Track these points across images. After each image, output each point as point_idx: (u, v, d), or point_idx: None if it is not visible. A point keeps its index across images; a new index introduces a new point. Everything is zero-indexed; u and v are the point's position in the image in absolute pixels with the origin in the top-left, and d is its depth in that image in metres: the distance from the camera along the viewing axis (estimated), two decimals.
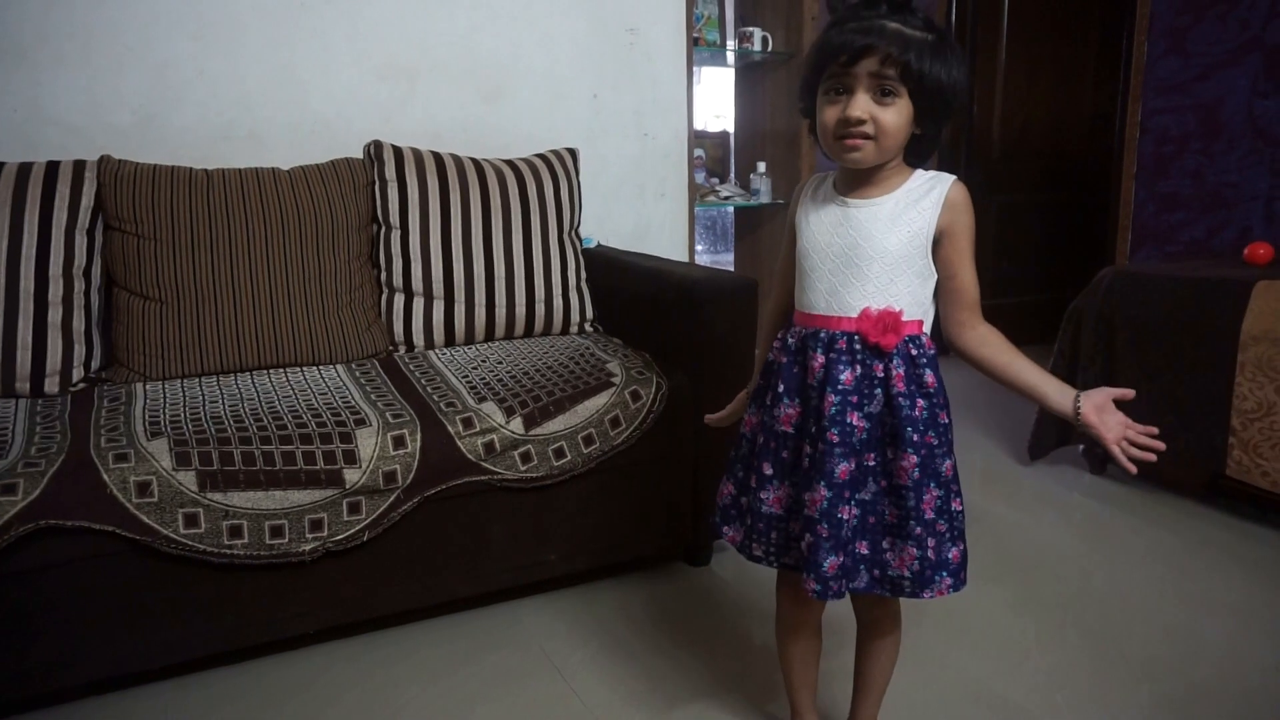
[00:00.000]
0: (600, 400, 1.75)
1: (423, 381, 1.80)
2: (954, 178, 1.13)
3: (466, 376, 1.82)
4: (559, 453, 1.70)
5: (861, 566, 1.15)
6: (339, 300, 1.99)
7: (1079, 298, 2.50)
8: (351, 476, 1.54)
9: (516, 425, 1.67)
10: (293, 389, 1.75)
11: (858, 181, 1.14)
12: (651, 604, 1.83)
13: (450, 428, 1.63)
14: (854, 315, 1.12)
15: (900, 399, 1.11)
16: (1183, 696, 1.53)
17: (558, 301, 2.18)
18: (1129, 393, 1.10)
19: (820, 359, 1.14)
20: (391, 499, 1.57)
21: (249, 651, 1.63)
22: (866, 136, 1.07)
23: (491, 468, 1.65)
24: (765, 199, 3.28)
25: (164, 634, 1.50)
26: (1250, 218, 2.78)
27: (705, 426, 1.41)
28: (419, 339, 2.07)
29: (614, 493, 1.79)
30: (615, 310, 2.21)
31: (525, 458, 1.67)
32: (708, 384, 1.82)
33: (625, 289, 2.17)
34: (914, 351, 1.13)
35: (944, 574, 1.13)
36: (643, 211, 2.78)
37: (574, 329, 2.21)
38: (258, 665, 1.62)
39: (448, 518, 1.65)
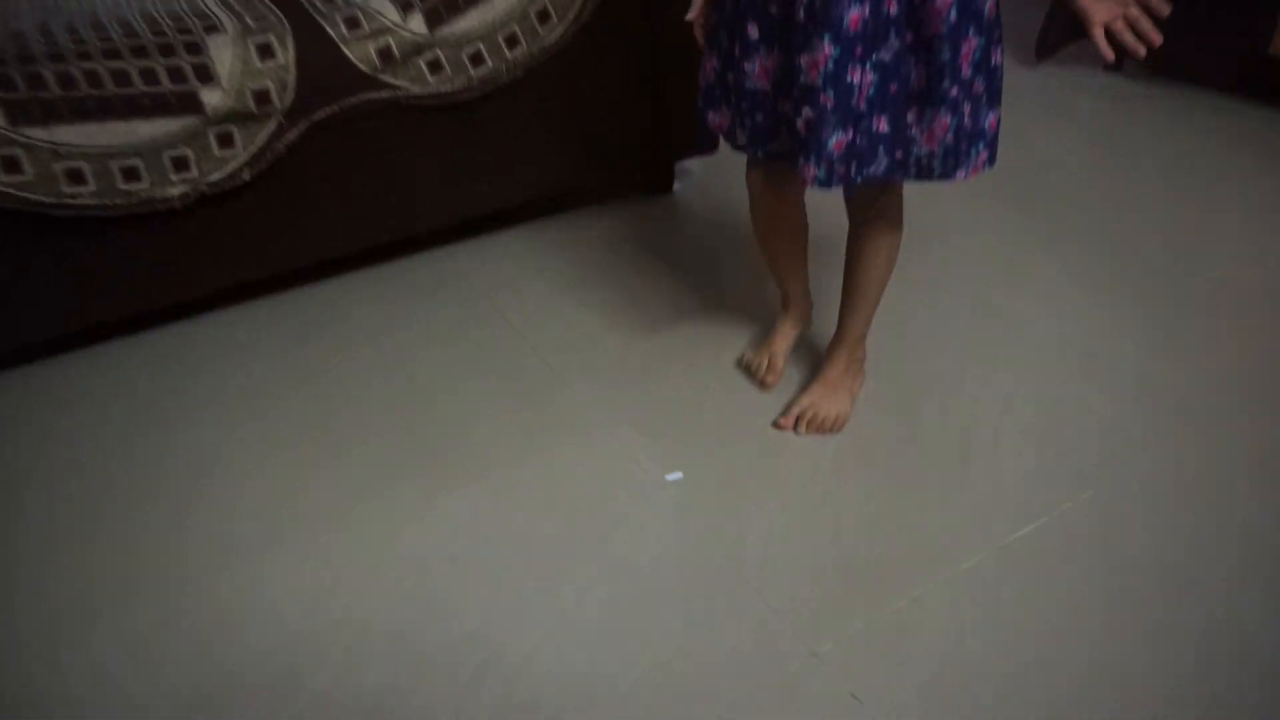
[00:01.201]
0: None
1: None
2: None
3: None
4: (476, 59, 1.36)
5: (880, 148, 0.89)
6: None
7: None
8: (211, 99, 1.21)
9: (417, 24, 1.31)
10: None
11: None
12: (612, 235, 1.61)
13: (331, 31, 1.27)
14: None
15: None
16: (1178, 297, 1.43)
17: None
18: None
19: None
20: (271, 127, 1.26)
21: (140, 322, 1.40)
22: None
23: (393, 81, 1.31)
24: None
25: (17, 308, 1.26)
26: None
27: (660, 20, 1.08)
28: None
29: (553, 107, 1.48)
30: None
31: (434, 66, 1.33)
32: None
33: None
34: None
35: (980, 145, 0.89)
36: None
37: None
38: (153, 336, 1.41)
39: (350, 149, 1.35)
